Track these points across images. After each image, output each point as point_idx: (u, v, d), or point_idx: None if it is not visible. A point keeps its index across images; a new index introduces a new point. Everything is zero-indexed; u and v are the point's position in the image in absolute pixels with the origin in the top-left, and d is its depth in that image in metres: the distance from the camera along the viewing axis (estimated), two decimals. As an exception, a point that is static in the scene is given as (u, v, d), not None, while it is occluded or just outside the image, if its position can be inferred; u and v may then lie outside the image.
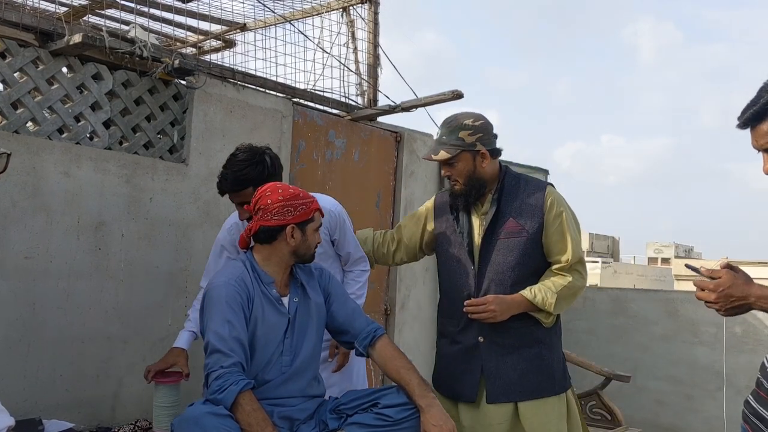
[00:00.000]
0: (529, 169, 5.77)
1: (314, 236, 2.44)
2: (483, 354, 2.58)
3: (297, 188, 2.45)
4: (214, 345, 2.21)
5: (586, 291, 6.17)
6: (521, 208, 2.60)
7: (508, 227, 2.59)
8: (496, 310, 2.50)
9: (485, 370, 2.57)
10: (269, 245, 2.40)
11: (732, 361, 5.29)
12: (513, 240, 2.58)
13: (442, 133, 2.61)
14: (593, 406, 3.96)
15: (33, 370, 2.92)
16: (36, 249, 2.91)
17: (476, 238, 2.64)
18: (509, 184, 2.64)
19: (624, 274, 19.64)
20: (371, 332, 2.49)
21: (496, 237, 2.59)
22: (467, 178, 2.59)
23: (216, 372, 2.18)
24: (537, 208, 2.58)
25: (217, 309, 2.27)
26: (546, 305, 2.54)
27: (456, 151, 2.56)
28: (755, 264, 26.86)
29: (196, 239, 3.46)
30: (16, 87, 2.92)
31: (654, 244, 37.86)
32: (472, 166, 2.59)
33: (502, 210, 2.60)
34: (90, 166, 3.08)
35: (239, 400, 2.13)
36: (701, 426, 5.36)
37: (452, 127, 2.60)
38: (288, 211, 2.36)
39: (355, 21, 4.38)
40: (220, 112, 3.57)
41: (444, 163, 2.62)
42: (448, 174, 2.63)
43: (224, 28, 4.66)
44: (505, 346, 2.58)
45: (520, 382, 2.56)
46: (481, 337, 2.59)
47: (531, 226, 2.58)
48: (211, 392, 2.17)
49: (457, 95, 4.10)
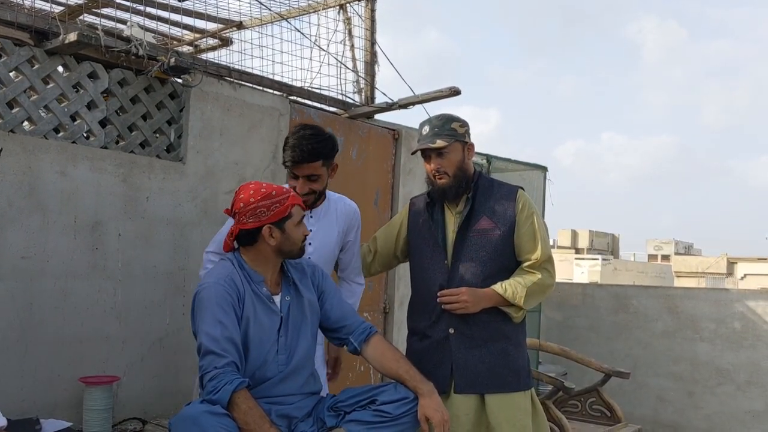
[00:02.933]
0: (528, 166, 5.76)
1: (296, 231, 2.39)
2: (452, 346, 2.66)
3: (272, 186, 2.40)
4: (207, 346, 2.20)
5: (586, 288, 6.17)
6: (494, 208, 2.71)
7: (481, 225, 2.69)
8: (468, 301, 2.59)
9: (454, 362, 2.65)
10: (252, 247, 2.39)
11: (732, 356, 5.29)
12: (485, 237, 2.68)
13: (434, 126, 2.69)
14: (593, 403, 3.95)
15: (31, 370, 2.91)
16: (33, 249, 2.90)
17: (450, 234, 2.73)
18: (483, 186, 2.75)
19: (624, 271, 19.64)
20: (366, 329, 2.50)
21: (470, 234, 2.69)
22: (456, 169, 2.67)
23: (210, 373, 2.16)
24: (509, 209, 2.70)
25: (208, 310, 2.25)
26: (516, 299, 2.62)
27: (450, 141, 2.65)
28: (754, 260, 26.88)
29: (194, 238, 3.45)
30: (12, 86, 2.91)
31: (654, 241, 37.88)
32: (461, 157, 2.68)
33: (476, 209, 2.70)
34: (86, 165, 3.07)
35: (235, 399, 2.12)
36: (702, 422, 5.36)
37: (444, 119, 2.69)
38: (261, 212, 2.33)
39: (352, 18, 4.37)
40: (217, 110, 3.56)
41: (436, 154, 2.67)
42: (436, 167, 2.68)
43: (221, 26, 4.65)
44: (474, 339, 2.65)
45: (488, 375, 2.63)
46: (452, 329, 2.66)
47: (503, 225, 2.68)
48: (206, 393, 2.16)
49: (454, 92, 4.09)
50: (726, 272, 29.38)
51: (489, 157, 5.36)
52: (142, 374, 3.26)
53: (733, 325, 5.29)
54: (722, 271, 29.60)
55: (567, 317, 6.09)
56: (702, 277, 26.77)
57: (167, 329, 3.33)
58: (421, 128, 2.75)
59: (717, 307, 5.37)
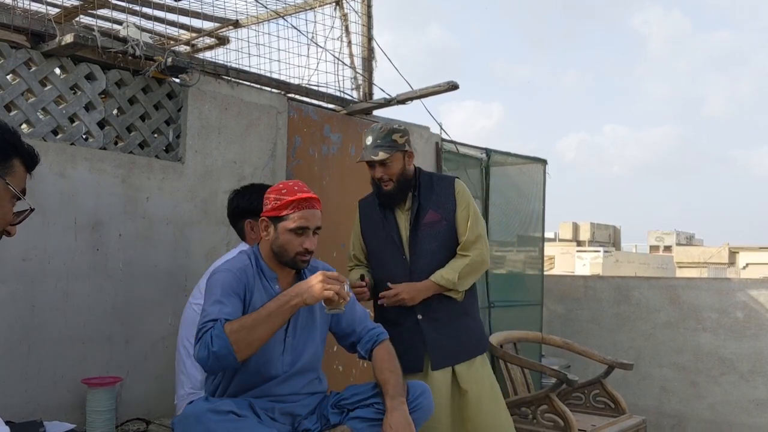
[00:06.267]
0: (527, 159, 5.76)
1: (287, 237, 2.31)
2: (423, 329, 2.93)
3: (289, 182, 2.39)
4: (201, 322, 2.17)
5: (587, 280, 6.17)
6: (438, 200, 2.97)
7: (429, 218, 2.95)
8: (406, 298, 2.89)
9: (428, 342, 2.92)
10: (262, 240, 2.41)
11: (735, 346, 5.29)
12: (434, 229, 2.94)
13: (376, 137, 2.90)
14: (597, 395, 3.95)
15: (34, 371, 2.91)
16: (33, 251, 2.91)
17: (403, 232, 2.98)
18: (424, 182, 3.00)
19: (626, 262, 19.64)
20: (374, 336, 2.49)
21: (421, 228, 2.95)
22: (399, 176, 2.92)
23: (197, 344, 2.12)
24: (450, 199, 2.97)
25: (211, 293, 2.24)
26: (451, 285, 2.90)
27: (392, 152, 2.88)
28: (756, 249, 26.87)
29: (194, 237, 3.45)
30: (9, 89, 2.91)
31: (655, 232, 37.88)
32: (402, 165, 2.93)
33: (423, 204, 2.96)
34: (85, 166, 3.07)
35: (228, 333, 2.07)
36: (706, 412, 5.36)
37: (385, 131, 2.91)
38: (266, 202, 2.36)
39: (349, 15, 4.37)
40: (215, 109, 3.56)
41: (379, 164, 2.89)
42: (380, 175, 2.91)
43: (217, 25, 4.64)
44: (440, 320, 2.95)
45: (456, 349, 2.94)
46: (420, 315, 2.93)
47: (447, 215, 2.95)
48: (203, 359, 2.10)
49: (452, 86, 4.08)
50: (728, 262, 29.38)
51: (488, 151, 5.35)
52: (145, 374, 3.27)
53: (735, 314, 5.28)
54: (724, 261, 29.60)
55: (569, 310, 6.09)
56: (704, 267, 26.78)
57: (169, 329, 3.33)
58: (365, 137, 2.95)
59: (719, 296, 5.36)
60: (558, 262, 20.69)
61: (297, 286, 2.20)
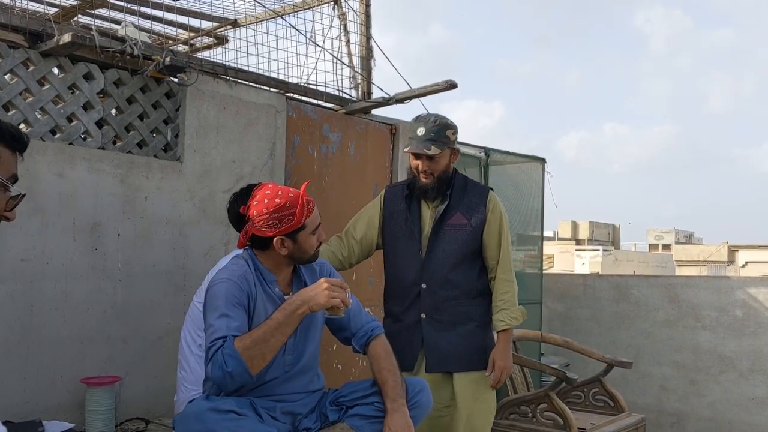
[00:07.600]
0: (526, 158, 5.76)
1: (309, 240, 2.34)
2: (424, 329, 2.87)
3: (287, 194, 2.29)
4: (208, 338, 2.16)
5: (587, 279, 6.18)
6: (469, 205, 2.91)
7: (455, 220, 2.89)
8: (506, 366, 2.85)
9: (425, 343, 2.86)
10: (264, 251, 2.35)
11: (734, 344, 5.29)
12: (458, 232, 2.89)
13: (429, 130, 2.81)
14: (596, 393, 3.95)
15: (33, 371, 2.91)
16: (32, 251, 2.91)
17: (426, 227, 2.92)
18: (459, 184, 2.95)
19: (625, 261, 19.65)
20: (368, 331, 2.47)
21: (444, 227, 2.89)
22: (441, 172, 2.86)
23: (209, 363, 2.11)
24: (480, 207, 2.91)
25: (215, 305, 2.21)
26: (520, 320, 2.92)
27: (443, 148, 2.82)
28: (755, 247, 26.88)
29: (193, 237, 3.45)
30: (7, 89, 2.91)
31: (654, 230, 37.91)
32: (448, 162, 2.88)
33: (452, 204, 2.90)
34: (84, 166, 3.07)
35: (240, 351, 2.07)
36: (706, 410, 5.37)
37: (440, 125, 2.83)
38: (274, 224, 2.26)
39: (347, 14, 4.36)
40: (214, 108, 3.56)
41: (427, 158, 2.82)
42: (425, 168, 2.84)
43: (215, 24, 4.64)
44: (443, 323, 2.87)
45: (455, 355, 2.86)
46: (424, 314, 2.88)
47: (474, 222, 2.89)
48: (219, 379, 2.10)
49: (450, 85, 4.08)
50: (727, 260, 29.40)
51: (487, 150, 5.35)
52: (144, 374, 3.27)
53: (734, 312, 5.29)
54: (723, 259, 29.62)
55: (568, 308, 6.09)
56: (703, 266, 26.80)
57: (168, 328, 3.33)
58: (415, 126, 2.85)
59: (718, 295, 5.36)
60: (557, 260, 20.69)
61: (302, 294, 2.20)
